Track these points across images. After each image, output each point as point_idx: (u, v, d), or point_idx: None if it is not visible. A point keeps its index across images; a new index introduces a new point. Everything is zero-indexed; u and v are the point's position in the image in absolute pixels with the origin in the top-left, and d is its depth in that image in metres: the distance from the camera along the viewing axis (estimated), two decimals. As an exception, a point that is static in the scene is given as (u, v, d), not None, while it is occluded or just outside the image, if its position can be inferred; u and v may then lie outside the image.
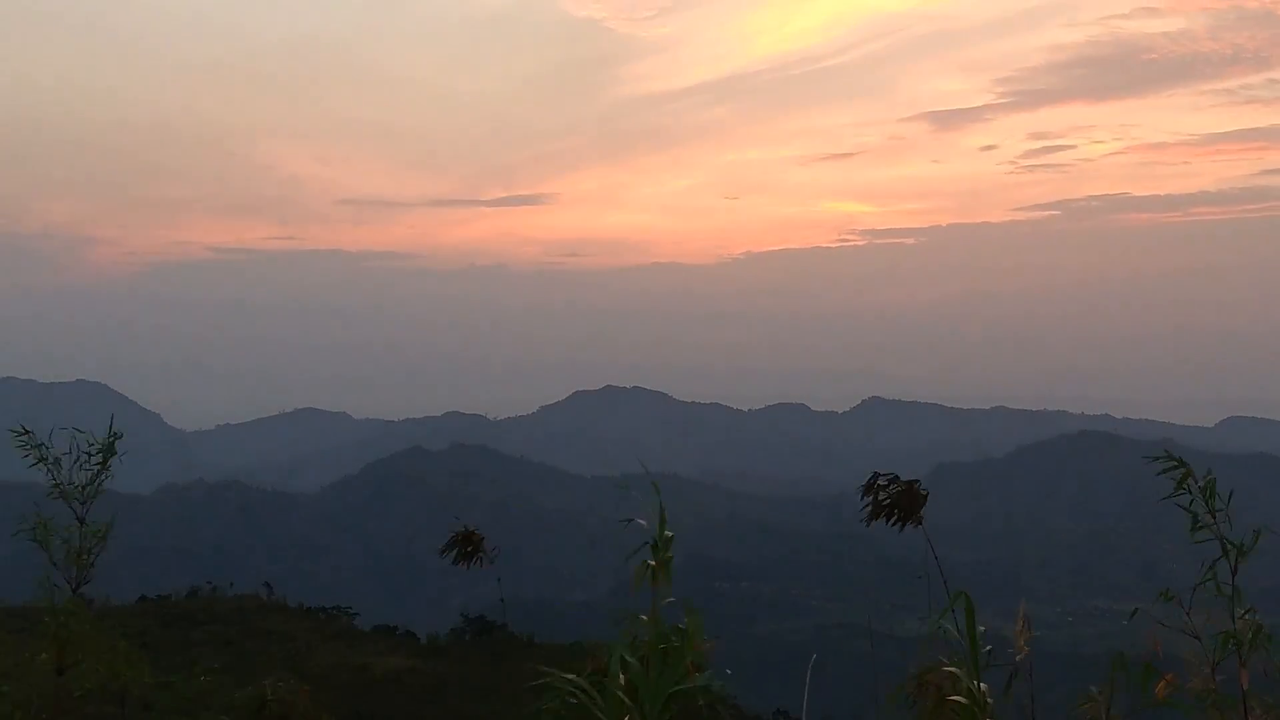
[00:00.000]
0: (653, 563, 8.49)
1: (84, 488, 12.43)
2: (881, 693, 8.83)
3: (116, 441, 12.53)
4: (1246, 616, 8.58)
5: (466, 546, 11.01)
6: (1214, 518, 8.72)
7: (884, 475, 9.53)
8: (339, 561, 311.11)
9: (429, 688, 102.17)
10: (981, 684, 8.31)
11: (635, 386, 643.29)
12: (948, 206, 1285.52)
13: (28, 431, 12.45)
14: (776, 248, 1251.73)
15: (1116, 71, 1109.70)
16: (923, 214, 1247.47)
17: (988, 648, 8.51)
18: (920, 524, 9.38)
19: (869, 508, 9.45)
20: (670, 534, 8.62)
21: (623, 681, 7.91)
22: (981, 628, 8.47)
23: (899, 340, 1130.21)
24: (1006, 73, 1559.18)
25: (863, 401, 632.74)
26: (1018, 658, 8.90)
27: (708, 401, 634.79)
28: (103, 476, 12.47)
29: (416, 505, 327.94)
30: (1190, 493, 8.78)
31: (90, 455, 12.50)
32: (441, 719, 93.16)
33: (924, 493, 9.48)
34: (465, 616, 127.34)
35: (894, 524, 9.41)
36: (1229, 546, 8.62)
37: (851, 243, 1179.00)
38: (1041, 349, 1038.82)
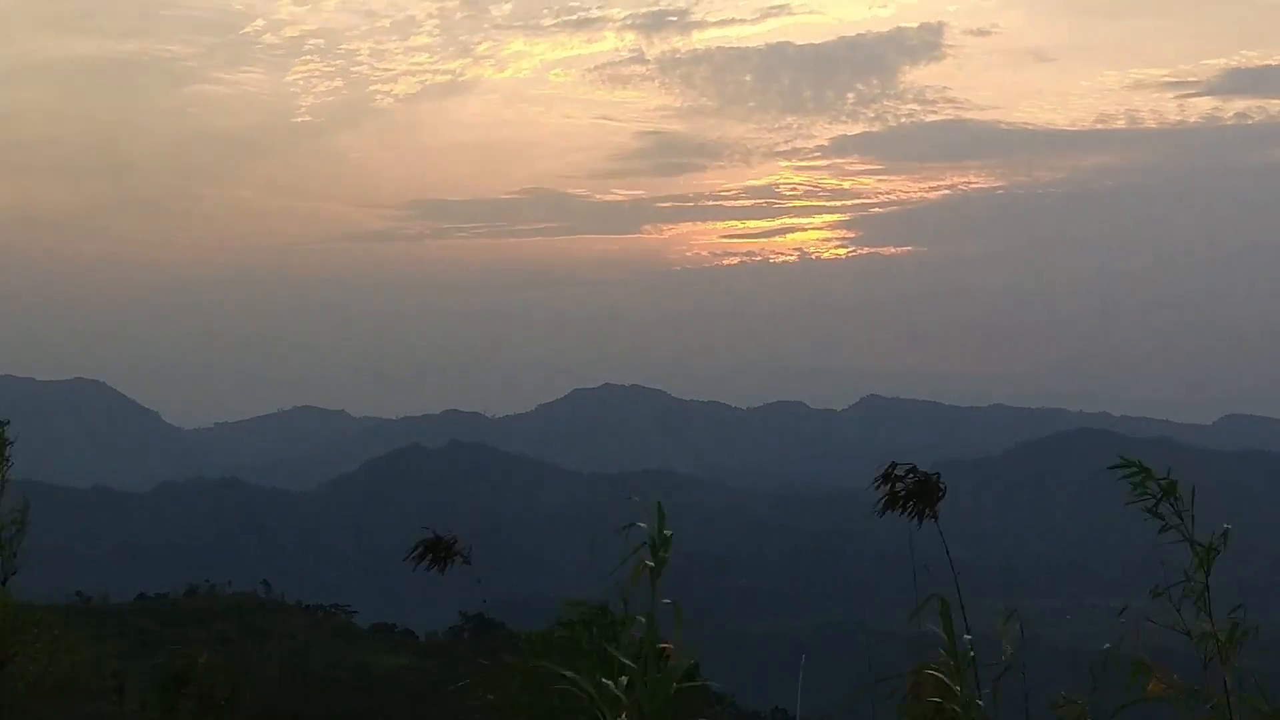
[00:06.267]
0: (650, 563, 8.43)
1: None
2: (878, 691, 8.82)
3: (5, 428, 12.75)
4: (1234, 615, 8.57)
5: (436, 552, 10.70)
6: (1181, 518, 8.69)
7: (902, 465, 9.33)
8: (337, 560, 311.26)
9: (428, 686, 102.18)
10: (972, 683, 8.29)
11: (634, 384, 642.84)
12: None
13: None
14: (774, 245, 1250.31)
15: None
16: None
17: (972, 649, 8.46)
18: (935, 518, 9.23)
19: (884, 497, 9.25)
20: (669, 532, 8.51)
21: (618, 682, 7.84)
22: (975, 627, 8.44)
23: (897, 338, 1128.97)
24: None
25: (861, 399, 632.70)
26: (1003, 656, 8.87)
27: (706, 399, 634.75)
28: (3, 470, 12.64)
29: (415, 503, 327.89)
30: (1152, 496, 8.73)
31: None
32: (440, 718, 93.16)
33: (943, 486, 9.30)
34: (464, 615, 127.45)
35: (909, 516, 9.20)
36: (1197, 548, 8.60)
37: (850, 239, 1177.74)
38: (1039, 347, 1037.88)
